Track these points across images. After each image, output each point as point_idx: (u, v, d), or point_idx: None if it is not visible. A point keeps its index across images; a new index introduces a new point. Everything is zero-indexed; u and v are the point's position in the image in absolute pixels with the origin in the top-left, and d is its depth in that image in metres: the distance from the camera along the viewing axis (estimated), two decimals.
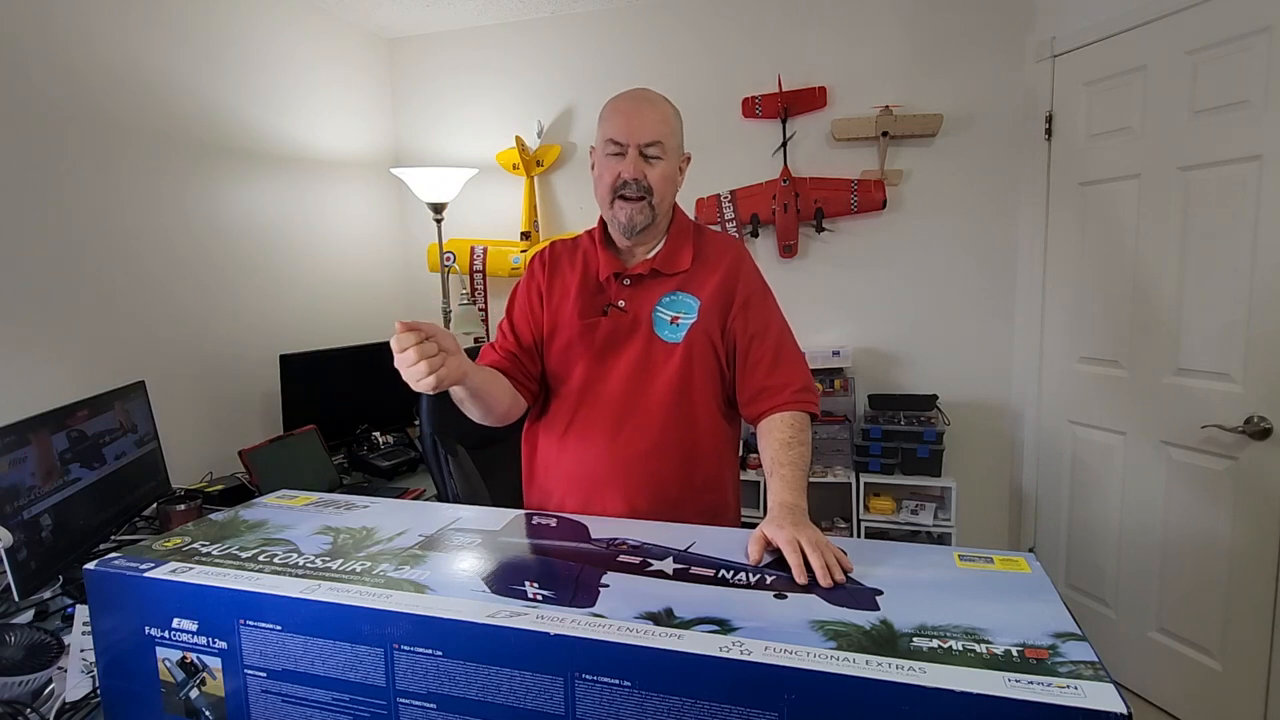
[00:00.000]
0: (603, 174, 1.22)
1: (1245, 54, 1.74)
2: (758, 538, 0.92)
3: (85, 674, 1.06)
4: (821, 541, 0.88)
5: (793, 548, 0.87)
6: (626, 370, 1.23)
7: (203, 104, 2.27)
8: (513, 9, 2.86)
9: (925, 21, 2.55)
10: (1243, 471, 1.82)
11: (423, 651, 0.74)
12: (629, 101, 1.22)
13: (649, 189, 1.19)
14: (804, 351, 1.30)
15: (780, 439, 1.16)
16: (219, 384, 2.34)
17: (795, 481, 1.08)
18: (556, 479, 1.28)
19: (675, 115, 1.25)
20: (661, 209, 1.23)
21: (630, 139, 1.18)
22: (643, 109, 1.20)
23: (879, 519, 2.56)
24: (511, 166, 3.00)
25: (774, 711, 0.64)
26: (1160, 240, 1.99)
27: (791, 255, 2.73)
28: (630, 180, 1.18)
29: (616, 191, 1.20)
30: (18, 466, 1.37)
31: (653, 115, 1.20)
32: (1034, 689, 0.60)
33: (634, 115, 1.19)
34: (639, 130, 1.18)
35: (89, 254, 1.94)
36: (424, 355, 0.95)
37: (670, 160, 1.22)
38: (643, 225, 1.22)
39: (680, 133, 1.26)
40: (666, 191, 1.23)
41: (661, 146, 1.19)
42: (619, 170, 1.19)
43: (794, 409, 1.20)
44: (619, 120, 1.19)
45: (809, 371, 1.27)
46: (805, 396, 1.21)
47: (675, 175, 1.25)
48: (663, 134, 1.19)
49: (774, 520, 0.95)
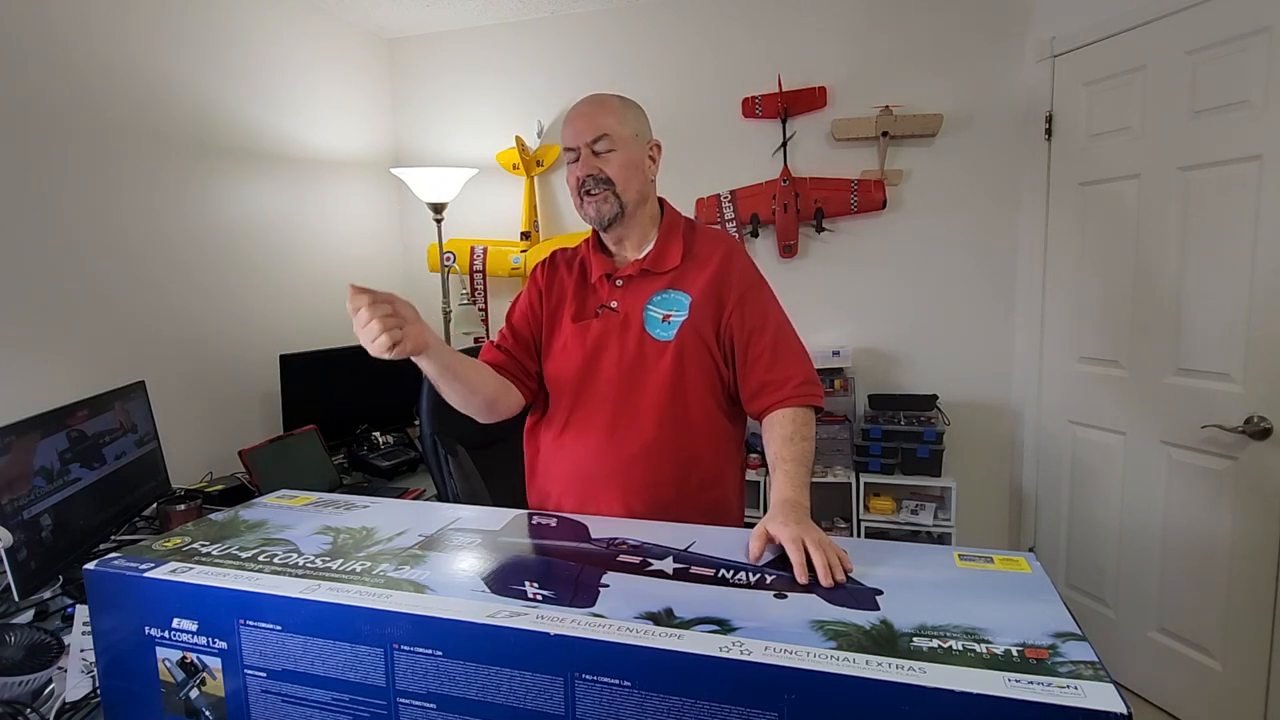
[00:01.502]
0: (569, 181, 1.27)
1: (1245, 54, 1.74)
2: (759, 534, 0.92)
3: (85, 674, 1.06)
4: (824, 540, 0.88)
5: (796, 546, 0.87)
6: (619, 370, 1.23)
7: (202, 104, 2.27)
8: (513, 9, 2.86)
9: (925, 21, 2.55)
10: (1243, 471, 1.82)
11: (423, 651, 0.74)
12: (575, 109, 1.27)
13: (608, 180, 1.22)
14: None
15: (782, 434, 1.16)
16: (219, 384, 2.34)
17: (798, 477, 1.08)
18: (554, 479, 1.28)
19: (624, 105, 1.27)
20: (629, 197, 1.24)
21: (578, 141, 1.23)
22: (586, 110, 1.25)
23: (879, 519, 2.56)
24: (511, 166, 3.00)
25: (774, 711, 0.64)
26: (1160, 240, 1.99)
27: (791, 255, 2.73)
28: (585, 177, 1.22)
29: (581, 192, 1.24)
30: (17, 466, 1.37)
31: (596, 112, 1.24)
32: (1034, 689, 0.60)
33: (578, 119, 1.24)
34: (583, 130, 1.23)
35: (89, 254, 1.94)
36: (376, 315, 0.98)
37: (625, 149, 1.23)
38: (612, 215, 1.23)
39: (636, 121, 1.27)
40: (630, 179, 1.23)
41: (609, 139, 1.22)
42: (576, 173, 1.24)
43: (796, 404, 1.19)
44: (568, 129, 1.25)
45: (811, 363, 1.26)
46: (808, 390, 1.21)
47: (640, 163, 1.25)
48: (608, 126, 1.22)
49: (776, 517, 0.95)
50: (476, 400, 1.22)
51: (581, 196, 1.24)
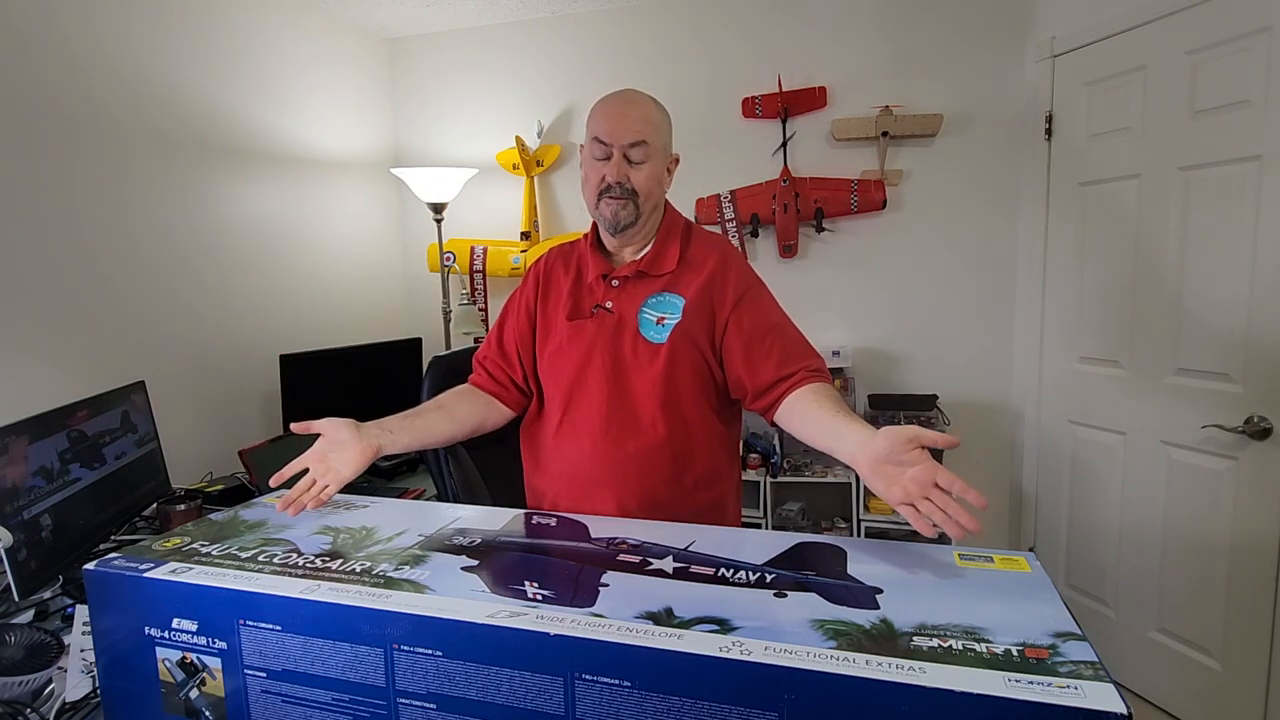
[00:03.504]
0: (589, 175, 1.23)
1: (1245, 54, 1.74)
2: (913, 436, 0.88)
3: (85, 674, 1.06)
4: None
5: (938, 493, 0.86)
6: (612, 371, 1.23)
7: (202, 104, 2.27)
8: (513, 9, 2.86)
9: (925, 21, 2.55)
10: (1243, 471, 1.82)
11: (422, 652, 0.74)
12: (615, 103, 1.22)
13: (633, 192, 1.20)
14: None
15: (813, 400, 1.11)
16: (219, 384, 2.34)
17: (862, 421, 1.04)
18: (550, 478, 1.29)
19: (662, 115, 1.24)
20: (647, 209, 1.23)
21: (614, 139, 1.19)
22: (628, 110, 1.21)
23: (879, 519, 2.56)
24: (511, 166, 3.00)
25: (774, 711, 0.64)
26: (1160, 240, 1.99)
27: (791, 255, 2.73)
28: (614, 184, 1.19)
29: (602, 193, 1.21)
30: (19, 466, 1.37)
31: (637, 115, 1.20)
32: (1034, 689, 0.60)
33: (619, 116, 1.20)
34: (623, 130, 1.19)
35: (89, 254, 1.94)
36: (303, 503, 1.06)
37: (655, 161, 1.21)
38: (627, 222, 1.22)
39: (667, 133, 1.25)
40: (652, 192, 1.23)
41: (646, 148, 1.19)
42: (603, 173, 1.20)
43: (815, 380, 1.16)
44: (604, 121, 1.20)
45: (820, 355, 1.24)
46: (822, 376, 1.18)
47: (662, 176, 1.25)
48: (647, 134, 1.19)
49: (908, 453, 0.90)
50: (461, 435, 1.29)
51: (600, 195, 1.22)
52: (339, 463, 1.09)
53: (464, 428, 1.28)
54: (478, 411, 1.31)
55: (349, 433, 1.10)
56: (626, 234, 1.25)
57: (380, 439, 1.13)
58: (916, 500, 0.88)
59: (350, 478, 1.09)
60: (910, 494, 0.88)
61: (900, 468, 0.90)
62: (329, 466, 1.08)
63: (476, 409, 1.31)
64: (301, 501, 1.05)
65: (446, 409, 1.28)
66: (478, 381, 1.36)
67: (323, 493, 1.07)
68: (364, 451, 1.10)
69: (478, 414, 1.31)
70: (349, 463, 1.09)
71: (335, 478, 1.08)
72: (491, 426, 1.33)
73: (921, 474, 0.88)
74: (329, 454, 1.09)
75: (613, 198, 1.21)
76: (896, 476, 0.90)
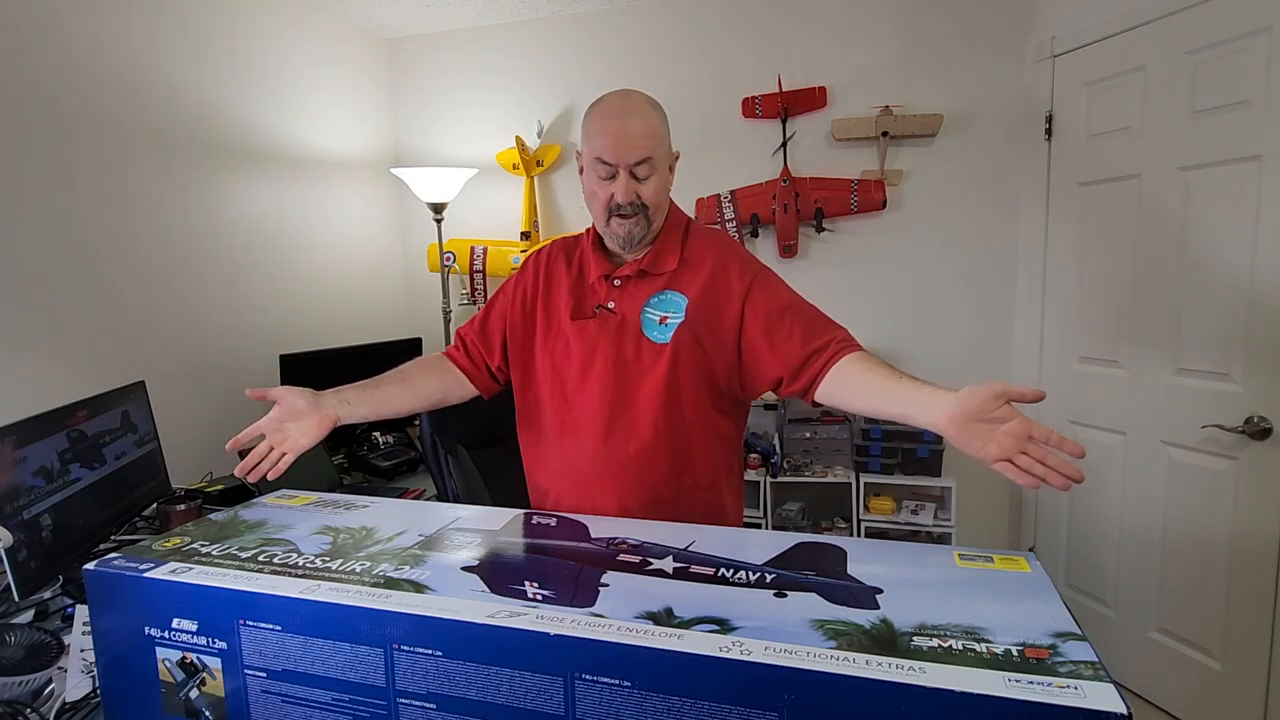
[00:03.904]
0: (596, 192, 1.20)
1: (1245, 54, 1.74)
2: (1001, 392, 0.86)
3: (85, 674, 1.06)
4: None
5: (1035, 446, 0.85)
6: (615, 371, 1.22)
7: (202, 104, 2.27)
8: (513, 9, 2.86)
9: (925, 21, 2.55)
10: (1243, 471, 1.82)
11: (422, 652, 0.74)
12: (615, 119, 1.17)
13: (644, 206, 1.19)
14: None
15: (864, 368, 1.08)
16: (219, 384, 2.34)
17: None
18: (552, 477, 1.28)
19: (661, 119, 1.22)
20: (658, 218, 1.23)
21: (619, 160, 1.15)
22: (629, 124, 1.16)
23: (879, 519, 2.56)
24: (511, 166, 3.00)
25: (774, 711, 0.64)
26: (1160, 241, 1.99)
27: (791, 255, 2.73)
28: (624, 203, 1.18)
29: (612, 212, 1.19)
30: (20, 466, 1.37)
31: (639, 129, 1.16)
32: (1034, 689, 0.60)
33: (620, 134, 1.16)
34: (627, 150, 1.15)
35: (89, 253, 1.94)
36: (262, 469, 1.09)
37: (661, 171, 1.20)
38: (640, 236, 1.22)
39: (668, 136, 1.23)
40: (662, 201, 1.22)
41: (651, 163, 1.17)
42: (612, 191, 1.18)
43: (849, 351, 1.15)
44: (606, 140, 1.16)
45: (843, 327, 1.22)
46: (853, 344, 1.17)
47: (668, 181, 1.24)
48: (650, 148, 1.16)
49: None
50: (421, 408, 1.30)
51: (610, 215, 1.19)
52: (296, 432, 1.11)
53: (425, 401, 1.29)
54: (443, 385, 1.32)
55: (306, 402, 1.11)
56: (639, 246, 1.25)
57: (338, 409, 1.14)
58: (1014, 455, 0.87)
59: (307, 446, 1.11)
60: (1007, 449, 0.87)
61: (992, 424, 0.88)
62: (286, 435, 1.10)
63: (443, 383, 1.32)
64: (261, 469, 1.08)
65: (410, 381, 1.28)
66: (453, 355, 1.36)
67: (280, 460, 1.09)
68: (321, 422, 1.11)
69: (442, 388, 1.32)
70: (306, 432, 1.10)
71: (292, 445, 1.10)
72: (454, 401, 1.34)
73: (1017, 428, 0.87)
74: (286, 423, 1.11)
75: (624, 216, 1.19)
76: (990, 433, 0.88)
